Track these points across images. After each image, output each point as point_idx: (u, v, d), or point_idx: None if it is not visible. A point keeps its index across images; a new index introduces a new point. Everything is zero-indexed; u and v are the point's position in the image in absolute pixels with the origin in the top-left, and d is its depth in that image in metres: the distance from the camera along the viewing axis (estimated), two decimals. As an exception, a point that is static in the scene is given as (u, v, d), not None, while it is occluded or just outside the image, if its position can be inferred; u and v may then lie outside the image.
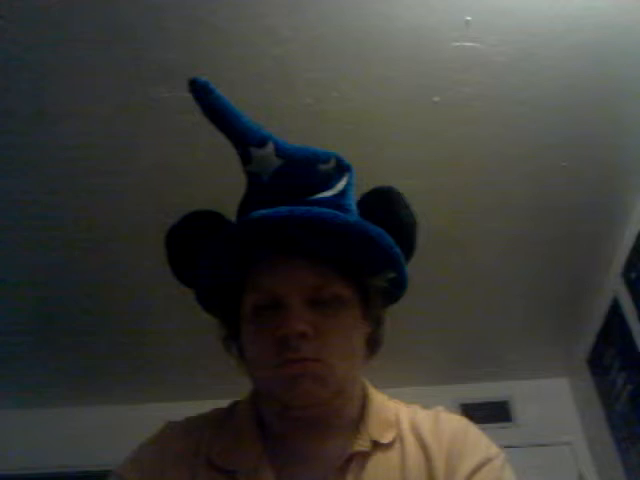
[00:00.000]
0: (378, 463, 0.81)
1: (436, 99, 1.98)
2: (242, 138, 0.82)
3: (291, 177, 0.82)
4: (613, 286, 2.64)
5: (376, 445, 0.83)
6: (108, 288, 2.66)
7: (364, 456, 0.82)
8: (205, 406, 0.96)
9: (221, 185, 1.58)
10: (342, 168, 0.85)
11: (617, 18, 1.78)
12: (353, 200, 0.87)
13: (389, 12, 1.75)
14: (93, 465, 2.82)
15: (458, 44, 1.83)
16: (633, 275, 2.46)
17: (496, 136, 2.11)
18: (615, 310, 2.66)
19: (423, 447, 0.83)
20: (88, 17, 1.72)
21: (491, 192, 2.32)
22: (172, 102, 1.90)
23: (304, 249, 0.80)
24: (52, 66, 1.83)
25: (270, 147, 0.82)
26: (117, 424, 3.13)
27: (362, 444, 0.82)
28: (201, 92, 0.82)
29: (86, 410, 3.32)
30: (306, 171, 0.82)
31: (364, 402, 0.88)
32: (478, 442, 0.84)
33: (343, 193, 0.84)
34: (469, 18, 1.77)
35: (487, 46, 1.84)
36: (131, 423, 2.55)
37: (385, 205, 0.88)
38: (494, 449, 0.84)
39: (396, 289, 0.88)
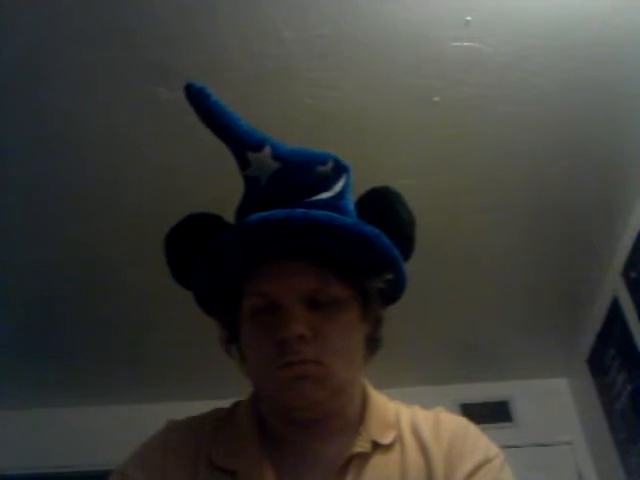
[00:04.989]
0: (378, 464, 0.82)
1: (436, 99, 1.98)
2: (239, 143, 0.82)
3: (288, 180, 0.82)
4: (613, 286, 2.64)
5: (376, 446, 0.83)
6: (108, 288, 2.66)
7: (364, 457, 0.82)
8: (205, 406, 0.96)
9: (221, 186, 1.58)
10: (340, 169, 0.85)
11: (617, 18, 1.78)
12: (351, 201, 0.87)
13: (389, 12, 1.75)
14: (93, 465, 2.83)
15: (458, 44, 1.83)
16: (633, 275, 2.46)
17: (496, 136, 2.11)
18: (615, 310, 2.65)
19: (423, 448, 0.83)
20: (88, 17, 1.72)
21: (491, 192, 2.32)
22: (172, 102, 1.90)
23: (302, 252, 0.80)
24: (51, 66, 1.83)
25: (267, 151, 0.82)
26: (117, 424, 3.13)
27: (362, 445, 0.82)
28: (197, 97, 0.82)
29: (86, 410, 3.32)
30: (303, 173, 0.82)
31: (364, 403, 0.88)
32: (478, 442, 0.84)
33: (341, 194, 0.84)
34: (469, 18, 1.77)
35: (487, 46, 1.84)
36: (131, 423, 2.55)
37: (383, 205, 0.88)
38: (493, 450, 0.84)
39: (395, 290, 0.88)
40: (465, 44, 1.83)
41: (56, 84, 1.88)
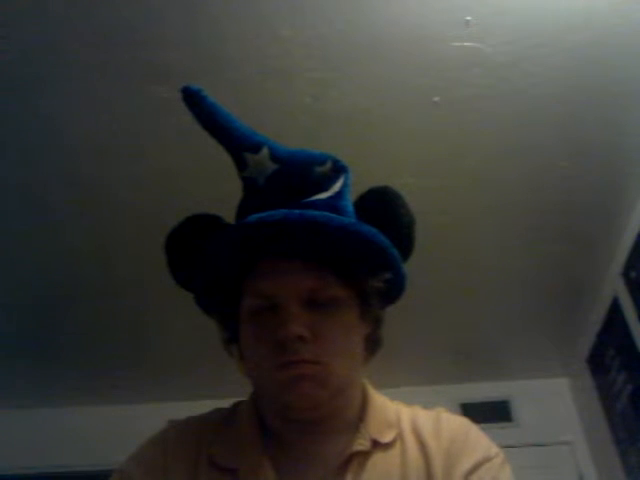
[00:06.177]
0: (378, 462, 0.82)
1: (436, 99, 1.98)
2: (236, 145, 0.83)
3: (286, 180, 0.82)
4: (613, 286, 2.64)
5: (376, 444, 0.83)
6: (108, 288, 2.66)
7: (364, 455, 0.82)
8: (205, 406, 0.96)
9: (223, 186, 1.57)
10: (338, 170, 0.85)
11: (617, 18, 1.78)
12: (350, 201, 0.87)
13: (389, 12, 1.75)
14: (93, 465, 2.83)
15: (458, 44, 1.83)
16: (633, 275, 2.46)
17: (496, 136, 2.11)
18: (615, 310, 2.66)
19: (423, 447, 0.83)
20: (88, 17, 1.72)
21: (491, 192, 2.32)
22: (172, 102, 1.90)
23: (300, 252, 0.80)
24: (51, 66, 1.83)
25: (265, 152, 0.82)
26: (117, 424, 3.13)
27: (362, 443, 0.83)
28: (193, 100, 0.82)
29: (86, 410, 3.32)
30: (301, 174, 0.82)
31: (364, 403, 0.88)
32: (478, 441, 0.85)
33: (339, 194, 0.84)
34: (469, 18, 1.77)
35: (487, 46, 1.84)
36: (131, 423, 2.55)
37: (382, 205, 0.88)
38: (494, 449, 0.84)
39: (394, 289, 0.87)
40: (465, 44, 1.83)
41: (56, 84, 1.88)
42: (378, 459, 0.82)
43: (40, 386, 3.25)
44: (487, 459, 0.82)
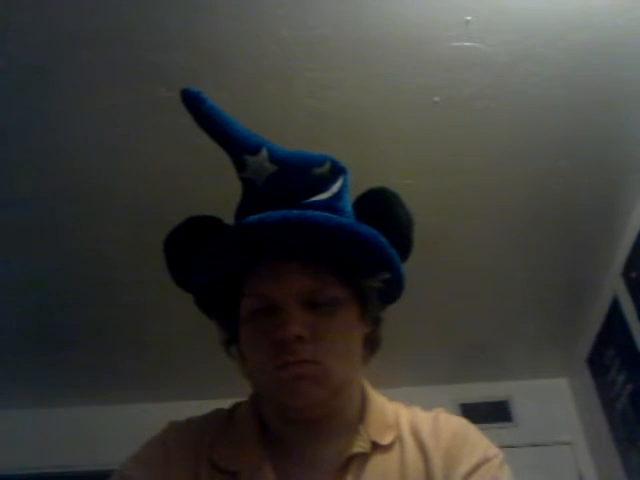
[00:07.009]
0: (377, 464, 0.82)
1: (436, 99, 1.98)
2: (235, 146, 0.83)
3: (285, 182, 0.82)
4: (613, 286, 2.64)
5: (375, 446, 0.83)
6: (108, 289, 2.66)
7: (364, 457, 0.82)
8: (205, 406, 0.97)
9: (223, 186, 1.57)
10: (337, 171, 0.85)
11: (617, 18, 1.78)
12: (348, 202, 0.87)
13: (389, 12, 1.75)
14: (94, 465, 2.83)
15: (458, 44, 1.83)
16: (633, 275, 2.46)
17: (496, 136, 2.11)
18: (615, 310, 2.65)
19: (422, 448, 0.83)
20: (88, 17, 1.72)
21: (491, 192, 2.32)
22: (172, 102, 1.90)
23: (299, 252, 0.80)
24: (51, 66, 1.83)
25: (264, 153, 0.82)
26: (117, 424, 3.13)
27: (361, 445, 0.83)
28: (193, 102, 0.83)
29: (86, 410, 3.32)
30: (300, 175, 0.82)
31: (363, 403, 0.88)
32: (477, 442, 0.85)
33: (338, 195, 0.84)
34: (469, 18, 1.77)
35: (487, 46, 1.84)
36: (131, 423, 2.56)
37: (381, 206, 0.88)
38: (493, 450, 0.84)
39: (393, 289, 0.88)
40: (465, 44, 1.83)
41: (55, 84, 1.88)
42: (377, 461, 0.82)
43: (40, 386, 3.25)
44: (486, 460, 0.82)
